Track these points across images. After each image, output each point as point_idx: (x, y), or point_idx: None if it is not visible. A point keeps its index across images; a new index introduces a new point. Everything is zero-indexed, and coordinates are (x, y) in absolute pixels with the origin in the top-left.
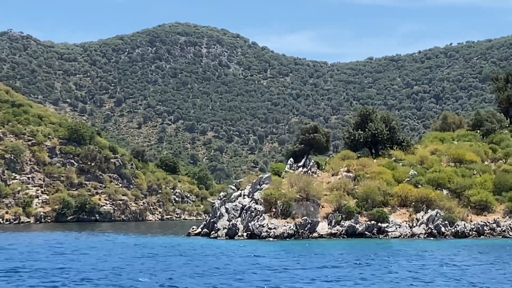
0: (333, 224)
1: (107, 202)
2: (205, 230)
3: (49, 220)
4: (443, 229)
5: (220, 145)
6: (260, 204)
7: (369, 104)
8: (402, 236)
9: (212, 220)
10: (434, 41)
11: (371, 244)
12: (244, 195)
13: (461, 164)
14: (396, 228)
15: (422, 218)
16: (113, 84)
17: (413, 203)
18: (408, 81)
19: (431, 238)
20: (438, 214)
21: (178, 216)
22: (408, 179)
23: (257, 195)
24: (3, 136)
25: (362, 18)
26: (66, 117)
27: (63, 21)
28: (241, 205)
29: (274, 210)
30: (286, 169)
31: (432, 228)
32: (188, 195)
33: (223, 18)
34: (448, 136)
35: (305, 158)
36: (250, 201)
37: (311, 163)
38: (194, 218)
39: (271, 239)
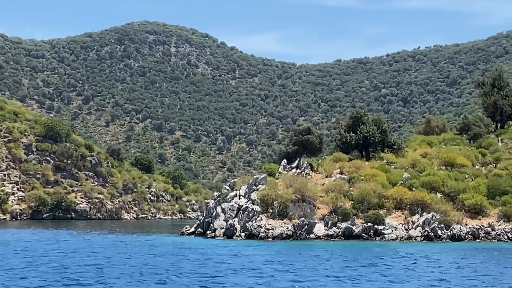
0: (329, 225)
1: (83, 200)
2: (199, 229)
3: (25, 218)
4: (439, 232)
5: (188, 145)
6: (257, 205)
7: (336, 106)
8: (398, 239)
9: (206, 219)
10: (399, 44)
11: (366, 246)
12: (240, 196)
13: (452, 168)
14: (392, 231)
15: (418, 221)
16: (81, 82)
17: (408, 206)
18: (376, 84)
19: (428, 241)
20: (434, 217)
21: (153, 215)
22: (402, 182)
23: (253, 195)
24: None
25: (327, 20)
26: (40, 114)
27: (30, 17)
28: (237, 205)
29: (271, 210)
30: (280, 170)
31: (429, 231)
32: (163, 194)
33: (190, 17)
34: (435, 140)
35: (298, 159)
36: (247, 202)
37: (304, 165)
38: (169, 217)
39: (270, 239)
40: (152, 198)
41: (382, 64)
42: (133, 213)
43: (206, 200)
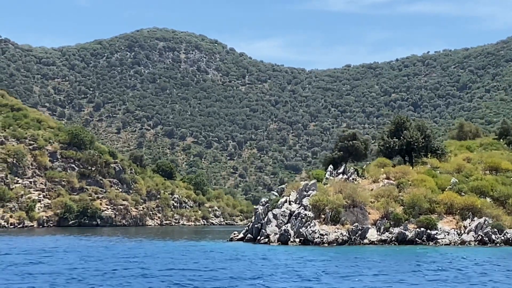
0: (382, 230)
1: (108, 207)
2: (248, 235)
3: (51, 225)
4: (493, 236)
5: (199, 151)
6: (309, 210)
7: (347, 112)
8: (452, 244)
9: (256, 225)
10: (402, 49)
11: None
12: (290, 201)
13: (497, 173)
14: (445, 236)
15: (470, 225)
16: (91, 89)
17: (459, 211)
18: (386, 88)
19: (482, 246)
20: (486, 222)
21: (177, 221)
22: (450, 187)
23: (305, 201)
24: (5, 140)
25: (330, 26)
26: (62, 121)
27: (40, 25)
28: (289, 211)
29: (323, 216)
30: (327, 175)
31: (483, 235)
32: (186, 201)
33: (197, 23)
34: (473, 145)
35: (344, 165)
36: (299, 207)
37: (351, 170)
38: (192, 223)
39: (325, 245)
40: (175, 204)
41: (391, 69)
42: (157, 220)
43: (227, 206)
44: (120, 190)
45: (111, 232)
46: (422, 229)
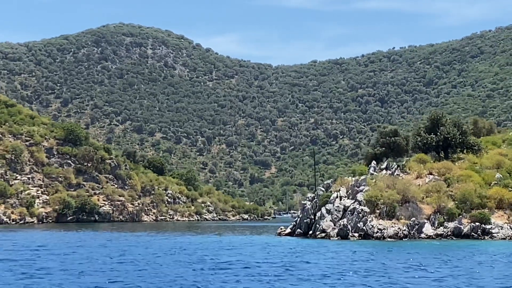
0: (436, 225)
1: (106, 202)
2: (298, 230)
3: (50, 221)
4: None
5: (168, 146)
6: (364, 206)
7: (314, 107)
8: (507, 238)
9: (305, 220)
10: (359, 45)
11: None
12: (341, 197)
13: None
14: (499, 230)
15: None
16: (59, 84)
17: (509, 206)
18: (353, 84)
19: None
20: None
21: (171, 217)
22: (496, 182)
23: (360, 196)
24: (2, 136)
25: (287, 21)
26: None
27: (4, 20)
28: (343, 206)
29: (377, 211)
30: (370, 171)
31: None
32: (179, 196)
33: (159, 17)
34: (499, 140)
35: (387, 160)
36: (353, 202)
37: (394, 166)
38: (186, 219)
39: (387, 239)
40: (169, 200)
41: (357, 65)
42: (152, 215)
43: (219, 202)
44: (116, 186)
45: (120, 227)
46: (476, 223)
